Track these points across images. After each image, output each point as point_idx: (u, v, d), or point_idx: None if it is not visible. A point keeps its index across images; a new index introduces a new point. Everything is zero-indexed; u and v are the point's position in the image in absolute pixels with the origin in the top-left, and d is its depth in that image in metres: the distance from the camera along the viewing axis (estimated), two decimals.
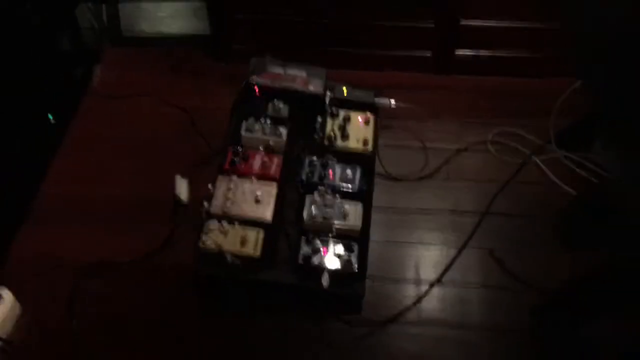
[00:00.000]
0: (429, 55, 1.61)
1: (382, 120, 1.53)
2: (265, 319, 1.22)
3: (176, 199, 1.36)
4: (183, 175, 1.40)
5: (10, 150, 1.43)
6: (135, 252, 1.28)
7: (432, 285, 1.27)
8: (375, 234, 1.35)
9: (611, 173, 1.16)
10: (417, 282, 1.29)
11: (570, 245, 1.14)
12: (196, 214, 1.27)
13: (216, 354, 1.19)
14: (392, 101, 1.47)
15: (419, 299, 1.25)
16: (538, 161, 1.45)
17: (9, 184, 1.39)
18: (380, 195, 1.41)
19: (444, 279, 1.28)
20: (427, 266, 1.31)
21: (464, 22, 1.54)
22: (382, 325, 1.23)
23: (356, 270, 1.20)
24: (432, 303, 1.27)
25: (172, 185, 1.38)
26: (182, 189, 1.37)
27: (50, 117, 1.58)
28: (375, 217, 1.37)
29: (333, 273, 1.20)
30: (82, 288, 1.25)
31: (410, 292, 1.27)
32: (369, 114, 1.42)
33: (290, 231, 1.27)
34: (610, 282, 1.02)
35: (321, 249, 1.22)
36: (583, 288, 1.11)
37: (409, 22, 1.57)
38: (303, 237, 1.23)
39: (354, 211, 1.28)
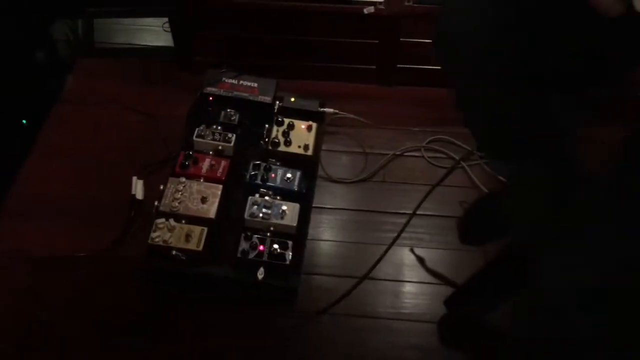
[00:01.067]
0: (373, 68, 1.71)
1: (328, 127, 1.64)
2: (206, 309, 1.31)
3: (133, 199, 1.45)
4: (141, 177, 1.49)
5: None
6: (94, 246, 1.38)
7: (362, 279, 1.37)
8: (313, 232, 1.45)
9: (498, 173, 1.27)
10: (349, 276, 1.37)
11: (464, 241, 1.23)
12: (150, 213, 1.37)
13: (168, 336, 1.28)
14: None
15: (350, 292, 1.34)
16: (465, 166, 1.55)
17: None
18: (320, 196, 1.52)
19: (373, 274, 1.38)
20: (359, 262, 1.40)
21: (403, 40, 1.65)
22: (315, 316, 1.32)
23: (288, 264, 1.30)
24: (362, 296, 1.36)
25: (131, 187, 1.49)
26: (139, 189, 1.46)
27: (25, 122, 1.69)
28: (314, 216, 1.47)
29: (268, 267, 1.30)
30: (43, 280, 1.34)
31: (342, 285, 1.36)
32: (311, 122, 1.53)
33: (233, 229, 1.37)
34: (502, 271, 1.12)
35: (258, 245, 1.33)
36: (483, 278, 1.21)
37: (356, 39, 1.67)
38: (243, 234, 1.33)
39: (291, 211, 1.37)
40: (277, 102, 1.56)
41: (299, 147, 1.48)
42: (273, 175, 1.43)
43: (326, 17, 1.59)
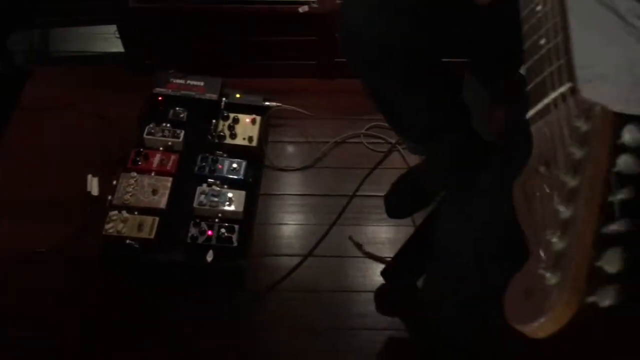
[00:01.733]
0: (314, 63, 1.80)
1: (273, 120, 1.73)
2: (161, 293, 1.39)
3: (88, 196, 1.53)
4: (97, 175, 1.56)
5: None
6: (52, 242, 1.45)
7: (306, 257, 1.46)
8: (261, 217, 1.55)
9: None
10: (295, 255, 1.47)
11: (391, 215, 1.33)
12: (104, 208, 1.45)
13: (122, 322, 1.36)
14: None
15: (295, 269, 1.44)
16: (400, 149, 1.65)
17: None
18: (268, 184, 1.61)
19: (316, 252, 1.47)
20: (304, 241, 1.50)
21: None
22: (263, 294, 1.41)
23: (235, 246, 1.38)
24: (307, 272, 1.45)
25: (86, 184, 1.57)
26: (94, 186, 1.54)
27: None
28: (263, 202, 1.57)
29: (216, 250, 1.39)
30: (2, 277, 1.42)
31: (288, 264, 1.45)
32: (255, 116, 1.62)
33: (185, 218, 1.45)
34: (424, 240, 1.22)
35: (207, 230, 1.41)
36: (410, 247, 1.31)
37: (295, 36, 1.76)
38: (192, 221, 1.42)
39: (237, 198, 1.46)
40: (224, 99, 1.65)
41: (244, 139, 1.58)
42: (220, 166, 1.52)
43: (264, 18, 1.69)
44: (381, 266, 1.45)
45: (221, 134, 1.57)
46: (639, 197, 0.45)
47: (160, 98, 1.63)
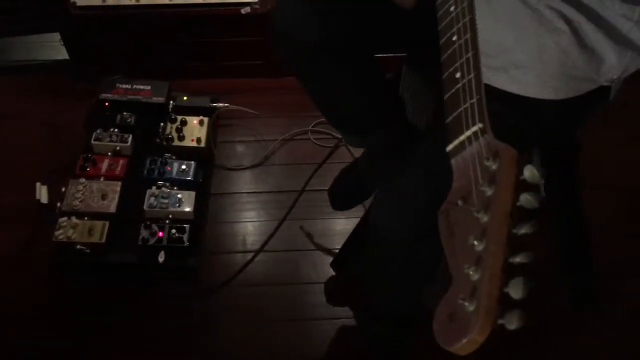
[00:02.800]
0: (260, 62, 1.82)
1: (222, 120, 1.74)
2: (116, 296, 1.40)
3: (38, 204, 1.52)
4: (46, 183, 1.55)
5: None
6: (2, 250, 1.44)
7: (257, 252, 1.48)
8: (213, 216, 1.56)
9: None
10: (248, 251, 1.49)
11: (335, 208, 1.36)
12: (54, 215, 1.45)
13: (77, 326, 1.36)
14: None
15: (246, 266, 1.46)
16: (348, 146, 1.68)
17: None
18: (219, 183, 1.63)
19: (268, 247, 1.50)
20: (253, 238, 1.52)
21: None
22: (216, 290, 1.42)
23: (186, 245, 1.39)
24: (259, 268, 1.48)
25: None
26: (43, 194, 1.52)
27: None
28: (215, 201, 1.58)
29: (168, 250, 1.39)
30: None
31: (241, 260, 1.47)
32: (202, 117, 1.63)
33: (134, 220, 1.45)
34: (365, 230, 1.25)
35: (158, 232, 1.42)
36: (354, 238, 1.34)
37: (240, 37, 1.78)
38: (143, 224, 1.43)
39: (187, 198, 1.47)
40: (171, 102, 1.66)
41: (193, 140, 1.58)
42: (169, 168, 1.52)
43: (208, 20, 1.69)
44: (331, 258, 1.48)
45: (169, 136, 1.57)
46: (539, 230, 0.50)
47: (107, 104, 1.63)
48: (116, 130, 1.57)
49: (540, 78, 0.88)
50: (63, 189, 1.45)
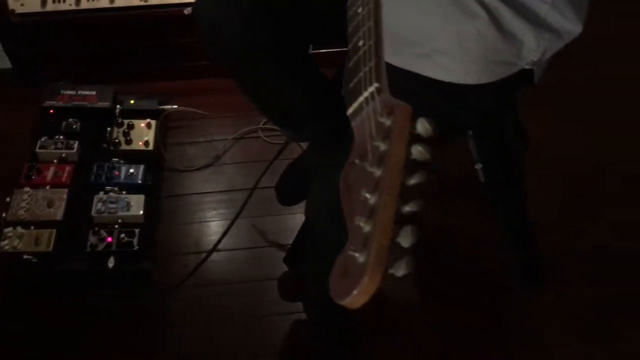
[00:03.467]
0: (207, 63, 1.80)
1: (171, 122, 1.73)
2: (67, 305, 1.37)
3: None
4: None
5: None
6: None
7: (210, 252, 1.46)
8: (166, 219, 1.54)
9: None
10: (199, 252, 1.48)
11: (282, 203, 1.37)
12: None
13: (29, 336, 1.34)
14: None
15: (199, 266, 1.44)
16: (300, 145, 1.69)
17: None
18: (170, 185, 1.61)
19: (221, 246, 1.47)
20: (206, 238, 1.51)
21: None
22: (170, 292, 1.41)
23: (137, 249, 1.38)
24: (213, 267, 1.46)
25: None
26: None
27: None
28: (167, 204, 1.57)
29: (117, 255, 1.38)
30: None
31: (192, 261, 1.45)
32: (149, 120, 1.61)
33: (83, 227, 1.43)
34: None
35: (106, 237, 1.40)
36: (303, 232, 1.35)
37: (186, 38, 1.76)
38: (91, 230, 1.40)
39: (136, 202, 1.45)
40: (118, 106, 1.64)
41: (140, 143, 1.57)
42: (117, 172, 1.51)
43: (152, 22, 1.68)
44: (285, 254, 1.48)
45: (116, 140, 1.55)
46: (429, 180, 0.51)
47: (51, 111, 1.60)
48: (61, 137, 1.54)
49: (463, 63, 0.89)
50: (8, 199, 1.42)
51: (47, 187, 1.46)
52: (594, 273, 1.45)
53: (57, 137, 1.55)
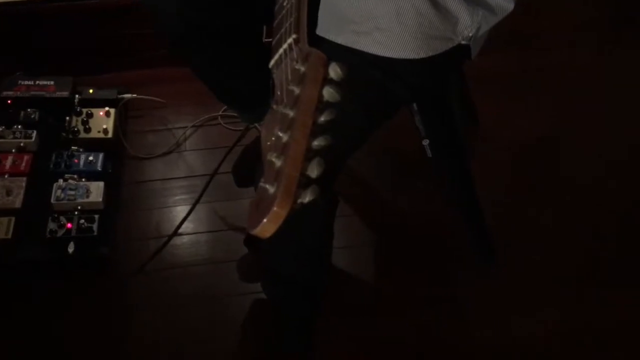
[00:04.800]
0: (165, 52, 1.80)
1: (132, 112, 1.73)
2: (25, 293, 1.37)
3: None
4: None
5: None
6: None
7: (171, 237, 1.47)
8: (127, 205, 1.55)
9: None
10: (159, 237, 1.49)
11: (239, 185, 1.39)
12: None
13: None
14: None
15: (160, 250, 1.45)
16: (257, 126, 1.70)
17: None
18: (131, 173, 1.62)
19: (182, 231, 1.49)
20: (167, 223, 1.52)
21: None
22: (130, 277, 1.41)
23: (96, 235, 1.38)
24: (174, 252, 1.47)
25: None
26: None
27: None
28: (128, 190, 1.57)
29: (77, 241, 1.38)
30: None
31: (153, 246, 1.46)
32: (108, 108, 1.62)
33: (43, 215, 1.42)
34: None
35: (66, 223, 1.40)
36: None
37: (144, 29, 1.76)
38: (50, 217, 1.40)
39: (95, 189, 1.46)
40: (77, 96, 1.64)
41: (99, 132, 1.57)
42: (76, 160, 1.51)
43: (108, 12, 1.68)
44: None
45: (75, 129, 1.55)
46: (337, 119, 0.55)
47: (9, 101, 1.59)
48: (20, 127, 1.54)
49: (401, 39, 0.92)
50: None
51: (6, 176, 1.45)
52: (545, 248, 1.51)
53: (15, 126, 1.54)
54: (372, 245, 1.54)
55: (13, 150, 1.50)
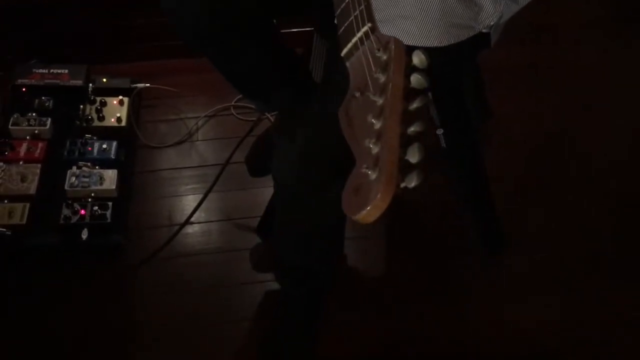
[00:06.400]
0: (179, 43, 1.78)
1: (145, 101, 1.71)
2: (42, 277, 1.36)
3: None
4: None
5: None
6: None
7: (183, 225, 1.46)
8: (139, 193, 1.54)
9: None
10: (171, 225, 1.47)
11: (253, 174, 1.37)
12: None
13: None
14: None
15: (172, 238, 1.43)
16: (269, 117, 1.68)
17: None
18: (143, 161, 1.60)
19: (194, 219, 1.48)
20: (179, 212, 1.51)
21: None
22: (142, 264, 1.40)
23: (109, 222, 1.37)
24: (184, 240, 1.46)
25: None
26: None
27: None
28: (139, 179, 1.56)
29: (91, 227, 1.37)
30: None
31: (165, 234, 1.45)
32: (122, 97, 1.60)
33: (57, 201, 1.41)
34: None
35: (80, 210, 1.39)
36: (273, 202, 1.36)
37: (158, 18, 1.74)
38: (64, 203, 1.39)
39: (109, 176, 1.45)
40: (90, 85, 1.62)
41: (113, 120, 1.56)
42: (90, 148, 1.50)
43: (122, 2, 1.66)
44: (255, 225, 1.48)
45: (89, 117, 1.54)
46: (428, 105, 0.58)
47: (24, 89, 1.58)
48: (34, 114, 1.53)
49: (424, 27, 0.90)
50: None
51: (21, 163, 1.44)
52: (553, 239, 1.49)
53: (29, 114, 1.53)
54: (378, 238, 1.52)
55: (28, 138, 1.49)
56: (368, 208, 0.50)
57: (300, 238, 1.03)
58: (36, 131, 1.50)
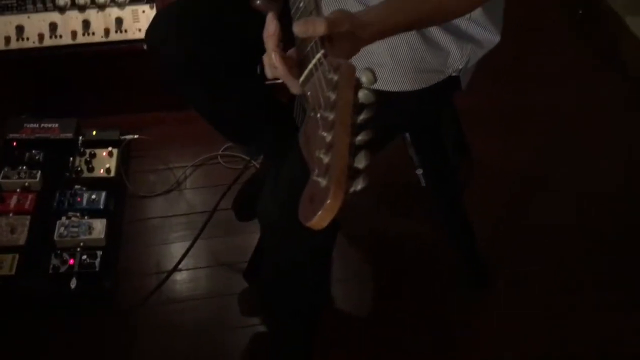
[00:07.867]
0: (167, 96, 1.83)
1: (134, 152, 1.74)
2: (29, 328, 1.36)
3: None
4: None
5: None
6: None
7: (171, 272, 1.47)
8: (128, 242, 1.55)
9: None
10: (159, 273, 1.48)
11: (240, 219, 1.39)
12: None
13: None
14: None
15: (161, 285, 1.44)
16: (255, 164, 1.71)
17: None
18: (131, 211, 1.62)
19: (182, 266, 1.48)
20: (168, 259, 1.52)
21: None
22: (131, 311, 1.40)
23: (98, 270, 1.38)
24: (173, 286, 1.47)
25: None
26: None
27: None
28: (129, 228, 1.58)
29: (79, 276, 1.37)
30: None
31: (154, 281, 1.46)
32: (111, 148, 1.63)
33: (46, 252, 1.41)
34: None
35: (69, 259, 1.39)
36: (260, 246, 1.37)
37: (147, 72, 1.80)
38: (53, 253, 1.40)
39: (98, 226, 1.46)
40: (80, 137, 1.66)
41: (102, 171, 1.59)
42: (79, 199, 1.51)
43: (113, 58, 1.72)
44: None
45: (78, 169, 1.57)
46: (373, 117, 0.60)
47: (14, 143, 1.61)
48: (24, 167, 1.55)
49: (396, 73, 0.95)
50: None
51: (10, 215, 1.46)
52: (534, 275, 1.51)
53: (20, 167, 1.55)
54: (367, 274, 1.54)
55: (18, 190, 1.51)
56: (319, 212, 0.54)
57: (287, 275, 1.04)
58: (26, 183, 1.52)
